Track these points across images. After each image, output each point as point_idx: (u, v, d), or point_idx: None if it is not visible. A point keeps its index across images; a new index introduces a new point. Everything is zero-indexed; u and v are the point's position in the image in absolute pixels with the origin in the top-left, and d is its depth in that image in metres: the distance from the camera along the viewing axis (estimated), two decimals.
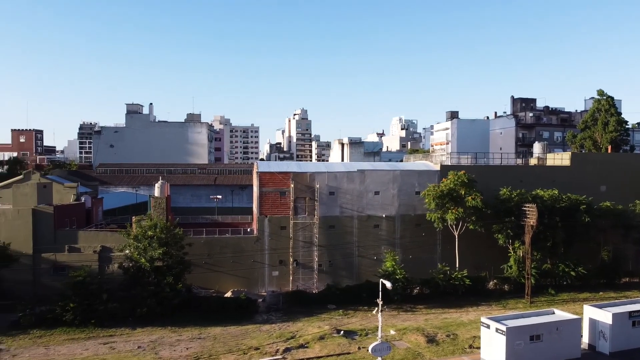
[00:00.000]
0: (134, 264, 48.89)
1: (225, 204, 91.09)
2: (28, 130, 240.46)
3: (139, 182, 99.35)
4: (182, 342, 42.00)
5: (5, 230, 52.02)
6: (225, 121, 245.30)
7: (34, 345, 41.25)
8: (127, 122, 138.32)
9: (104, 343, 41.59)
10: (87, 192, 69.80)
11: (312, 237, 58.41)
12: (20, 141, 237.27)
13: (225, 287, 56.41)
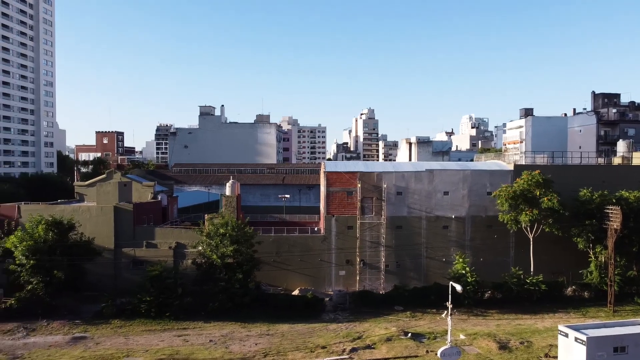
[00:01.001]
0: (206, 260, 50.67)
1: (292, 203, 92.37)
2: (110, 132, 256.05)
3: (211, 182, 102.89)
4: (252, 337, 43.00)
5: (90, 226, 55.54)
6: (293, 122, 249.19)
7: (115, 334, 43.79)
8: (200, 124, 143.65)
9: (178, 335, 43.40)
10: (163, 190, 73.10)
11: (379, 237, 57.94)
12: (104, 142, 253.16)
13: (293, 285, 57.18)
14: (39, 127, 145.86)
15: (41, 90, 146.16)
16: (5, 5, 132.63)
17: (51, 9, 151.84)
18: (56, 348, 40.41)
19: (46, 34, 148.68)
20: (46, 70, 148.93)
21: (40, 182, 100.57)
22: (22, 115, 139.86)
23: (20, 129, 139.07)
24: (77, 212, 56.24)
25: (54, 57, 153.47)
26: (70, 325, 45.68)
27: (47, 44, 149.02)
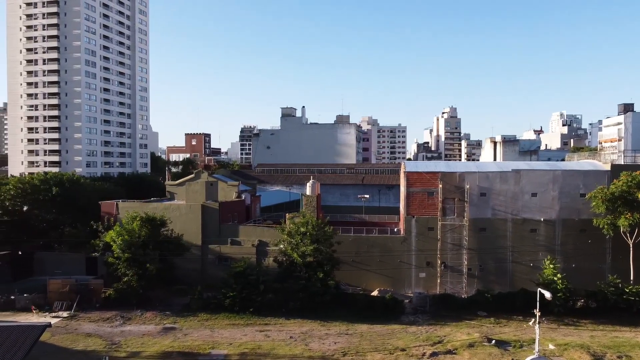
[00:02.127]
0: (287, 258, 51.78)
1: (372, 204, 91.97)
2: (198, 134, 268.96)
3: (292, 181, 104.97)
4: (331, 336, 43.35)
5: (179, 223, 58.68)
6: (372, 122, 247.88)
7: (202, 327, 45.93)
8: (282, 125, 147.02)
9: (260, 330, 44.71)
10: (247, 190, 75.64)
11: (462, 240, 56.21)
12: (192, 144, 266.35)
13: (372, 286, 56.94)
14: (134, 130, 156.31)
15: (137, 96, 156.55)
16: (106, 17, 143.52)
17: (146, 19, 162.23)
18: (149, 337, 43.10)
19: (141, 43, 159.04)
20: (141, 76, 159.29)
21: (136, 181, 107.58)
22: (120, 119, 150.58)
23: (118, 132, 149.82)
24: (168, 210, 59.62)
25: (148, 64, 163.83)
26: (161, 316, 48.53)
27: (142, 52, 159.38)
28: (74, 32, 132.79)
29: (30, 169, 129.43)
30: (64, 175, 79.66)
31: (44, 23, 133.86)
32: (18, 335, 25.73)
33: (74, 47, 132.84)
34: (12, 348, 24.67)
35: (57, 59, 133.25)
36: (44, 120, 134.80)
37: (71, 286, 51.96)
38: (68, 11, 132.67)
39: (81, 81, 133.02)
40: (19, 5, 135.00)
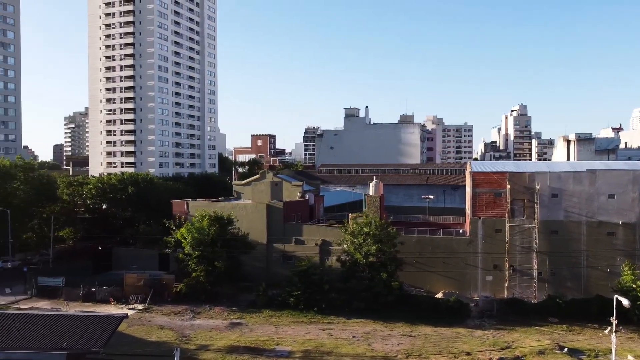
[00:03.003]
0: (350, 258, 52.01)
1: (436, 204, 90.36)
2: (264, 135, 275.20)
3: (355, 182, 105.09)
4: (394, 337, 43.12)
5: (245, 222, 60.38)
6: (437, 121, 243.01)
7: (267, 323, 47.10)
8: (345, 125, 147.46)
9: (323, 329, 45.23)
10: (310, 189, 76.59)
11: (531, 243, 54.07)
12: (258, 145, 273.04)
13: (436, 288, 56.01)
14: (203, 132, 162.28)
15: (205, 99, 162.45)
16: (177, 24, 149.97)
17: (214, 25, 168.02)
18: (217, 331, 44.76)
19: (210, 48, 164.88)
20: (210, 80, 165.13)
21: (205, 181, 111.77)
22: (190, 122, 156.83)
23: (188, 134, 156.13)
24: (235, 209, 61.52)
25: (216, 68, 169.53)
26: (229, 312, 50.21)
27: (210, 56, 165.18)
28: (148, 39, 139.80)
29: (108, 170, 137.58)
30: (139, 176, 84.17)
31: (121, 32, 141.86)
32: (99, 324, 27.62)
33: (147, 53, 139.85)
34: (95, 335, 26.53)
35: (133, 65, 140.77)
36: (121, 123, 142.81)
37: (145, 280, 54.89)
38: (143, 20, 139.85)
39: (154, 86, 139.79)
40: (99, 16, 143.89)
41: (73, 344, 25.93)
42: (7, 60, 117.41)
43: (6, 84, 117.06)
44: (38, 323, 28.06)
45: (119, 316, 29.34)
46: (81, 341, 26.28)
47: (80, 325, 27.46)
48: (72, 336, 26.61)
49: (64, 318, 28.79)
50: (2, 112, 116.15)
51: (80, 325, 27.46)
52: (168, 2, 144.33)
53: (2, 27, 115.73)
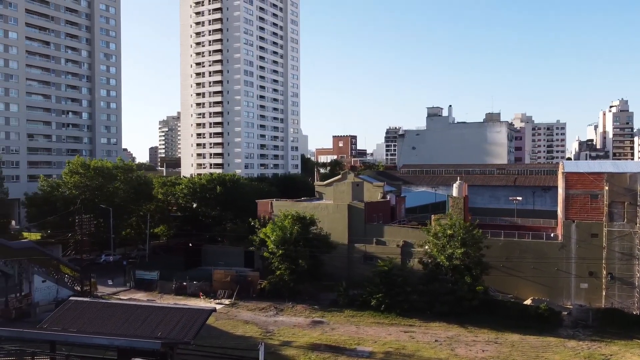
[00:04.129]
0: (433, 260, 51.02)
1: (525, 206, 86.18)
2: (345, 136, 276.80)
3: (438, 182, 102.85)
4: (478, 343, 41.76)
5: (327, 222, 61.10)
6: (526, 119, 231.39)
7: (347, 322, 47.40)
8: (428, 125, 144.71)
9: (404, 331, 44.76)
10: (391, 190, 76.04)
11: (633, 249, 50.02)
12: (339, 146, 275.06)
13: (524, 294, 53.43)
14: (286, 134, 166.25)
15: (289, 101, 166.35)
16: (262, 30, 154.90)
17: (297, 29, 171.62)
18: (299, 328, 45.75)
19: (293, 51, 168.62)
20: (293, 82, 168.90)
21: (288, 182, 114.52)
22: (274, 124, 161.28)
23: (272, 136, 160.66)
24: (317, 209, 62.48)
25: (299, 71, 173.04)
26: (311, 310, 51.13)
27: (293, 59, 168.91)
28: (235, 45, 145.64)
29: (198, 171, 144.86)
30: (226, 176, 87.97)
31: (209, 39, 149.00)
32: (191, 316, 29.28)
33: (234, 59, 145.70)
34: (186, 326, 28.18)
35: (221, 70, 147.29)
36: (210, 126, 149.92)
37: (232, 277, 57.29)
38: (230, 27, 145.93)
39: (240, 90, 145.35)
40: (190, 25, 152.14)
41: (167, 334, 27.69)
42: (110, 70, 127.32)
43: (109, 92, 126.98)
44: (136, 313, 30.26)
45: (208, 310, 30.90)
46: (174, 331, 28.00)
47: (174, 317, 29.26)
48: (166, 326, 28.43)
49: (159, 309, 30.82)
50: (105, 117, 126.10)
51: (174, 317, 29.26)
52: (253, 9, 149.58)
53: (105, 39, 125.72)
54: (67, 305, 31.94)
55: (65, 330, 28.64)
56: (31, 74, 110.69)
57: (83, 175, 78.28)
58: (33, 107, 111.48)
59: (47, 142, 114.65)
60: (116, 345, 27.31)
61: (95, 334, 27.98)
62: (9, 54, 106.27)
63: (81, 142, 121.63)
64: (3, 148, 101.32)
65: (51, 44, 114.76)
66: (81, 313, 30.46)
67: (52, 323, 29.93)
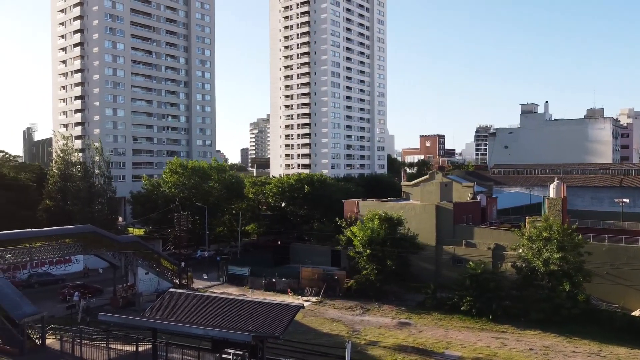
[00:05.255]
0: (527, 264, 48.49)
1: (633, 209, 79.34)
2: (432, 135, 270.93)
3: (532, 183, 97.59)
4: (578, 354, 39.10)
5: (414, 222, 60.17)
6: (635, 114, 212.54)
7: (435, 325, 46.35)
8: (522, 123, 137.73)
9: (495, 337, 42.95)
10: (482, 191, 73.30)
11: None
12: (427, 145, 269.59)
13: (632, 304, 49.15)
14: (373, 134, 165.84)
15: (375, 101, 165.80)
16: (349, 31, 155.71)
17: (383, 28, 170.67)
18: (385, 329, 45.45)
19: (379, 51, 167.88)
20: (379, 83, 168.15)
21: (374, 182, 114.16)
22: (360, 124, 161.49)
23: (359, 136, 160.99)
24: (404, 209, 61.72)
25: (386, 70, 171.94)
26: (397, 311, 50.61)
27: (380, 59, 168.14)
28: (322, 47, 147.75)
29: (286, 171, 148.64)
30: (314, 176, 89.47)
31: (298, 42, 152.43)
32: (280, 311, 30.14)
33: (321, 61, 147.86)
34: (276, 321, 29.06)
35: (308, 73, 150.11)
36: (298, 127, 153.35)
37: (319, 275, 58.16)
38: (317, 30, 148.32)
39: (327, 91, 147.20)
40: (279, 30, 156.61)
41: (258, 327, 28.72)
42: (205, 75, 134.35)
43: (204, 96, 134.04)
44: (229, 306, 31.66)
45: (297, 306, 31.62)
46: (264, 325, 28.98)
47: (264, 311, 30.28)
48: (257, 320, 29.49)
49: (250, 303, 32.04)
50: (200, 120, 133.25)
51: (264, 311, 30.28)
52: (340, 10, 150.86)
53: (201, 46, 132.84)
54: (166, 296, 34.16)
55: (165, 320, 30.63)
56: (135, 81, 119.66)
57: (181, 175, 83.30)
58: (137, 112, 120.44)
59: (149, 144, 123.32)
60: (211, 335, 28.79)
61: (191, 324, 29.68)
62: (117, 64, 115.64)
63: (179, 144, 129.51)
64: (111, 150, 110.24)
65: (153, 53, 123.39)
66: (179, 304, 32.41)
67: (153, 312, 32.13)
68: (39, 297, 51.20)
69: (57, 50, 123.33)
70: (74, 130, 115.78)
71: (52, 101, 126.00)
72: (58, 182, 77.21)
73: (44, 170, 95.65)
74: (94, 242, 50.49)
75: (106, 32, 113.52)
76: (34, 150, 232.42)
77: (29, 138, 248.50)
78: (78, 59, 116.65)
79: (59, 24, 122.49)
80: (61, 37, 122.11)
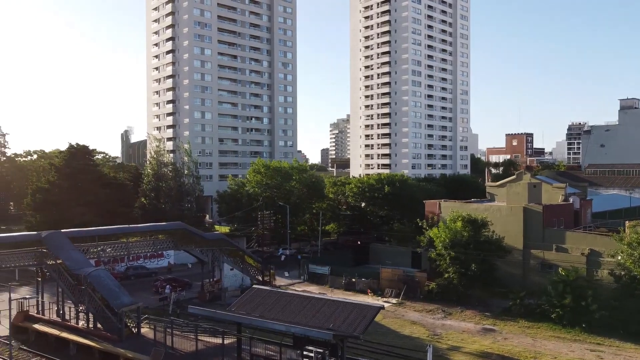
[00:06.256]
0: (627, 273, 44.92)
1: None
2: (519, 134, 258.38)
3: (633, 184, 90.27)
4: None
5: (499, 225, 57.72)
6: None
7: (522, 333, 44.19)
8: (620, 119, 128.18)
9: (590, 349, 40.20)
10: (575, 192, 68.86)
11: None
12: (513, 144, 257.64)
13: None
14: (455, 133, 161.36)
15: (458, 100, 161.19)
16: (430, 28, 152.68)
17: (467, 24, 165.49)
18: (468, 334, 44.02)
19: (462, 47, 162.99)
20: (462, 80, 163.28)
21: (456, 182, 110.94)
22: (442, 123, 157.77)
23: (440, 136, 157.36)
24: (489, 211, 59.40)
25: (469, 67, 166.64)
26: (481, 316, 48.84)
27: (463, 56, 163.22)
28: (403, 46, 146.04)
29: (366, 171, 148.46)
30: (395, 176, 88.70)
31: (378, 42, 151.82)
32: (360, 311, 30.20)
33: (402, 60, 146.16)
34: (355, 321, 29.15)
35: (389, 72, 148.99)
36: (378, 127, 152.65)
37: (399, 276, 57.52)
38: (398, 28, 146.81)
39: (408, 90, 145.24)
40: (359, 30, 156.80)
41: (338, 326, 28.96)
42: (287, 77, 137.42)
43: (286, 98, 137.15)
44: (310, 304, 32.20)
45: (377, 307, 31.50)
46: (344, 325, 29.16)
47: (344, 311, 30.47)
48: (337, 319, 29.74)
49: (330, 302, 32.37)
50: (282, 122, 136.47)
51: (344, 311, 30.47)
52: (422, 7, 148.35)
53: (283, 49, 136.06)
54: (250, 292, 35.38)
55: (249, 315, 31.73)
56: (222, 85, 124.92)
57: (264, 175, 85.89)
58: (223, 114, 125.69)
59: (235, 145, 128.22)
60: (292, 332, 29.44)
61: (274, 320, 30.51)
62: (205, 69, 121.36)
63: (262, 145, 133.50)
64: (200, 151, 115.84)
65: (238, 57, 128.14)
66: (262, 300, 33.45)
67: (238, 307, 33.40)
68: (134, 288, 54.84)
69: (151, 57, 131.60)
70: (166, 132, 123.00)
71: (147, 105, 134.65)
72: (152, 182, 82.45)
73: (140, 170, 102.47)
74: (183, 238, 53.35)
75: (195, 39, 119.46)
76: (130, 151, 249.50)
77: (126, 140, 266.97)
78: (170, 65, 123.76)
79: (153, 33, 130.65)
80: (155, 45, 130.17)
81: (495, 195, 72.17)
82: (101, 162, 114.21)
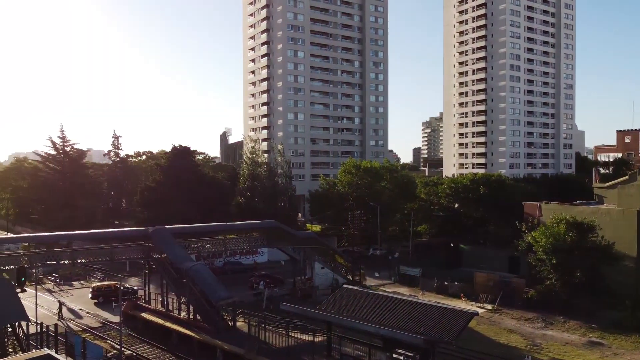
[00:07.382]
0: None
1: None
2: (633, 130, 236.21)
3: None
4: None
5: (609, 229, 53.15)
6: None
7: (635, 350, 40.36)
8: None
9: None
10: None
11: None
12: (625, 142, 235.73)
13: None
14: (558, 130, 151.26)
15: (561, 94, 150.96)
16: (530, 20, 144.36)
17: (572, 13, 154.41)
18: (572, 346, 41.03)
19: (566, 39, 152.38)
20: (566, 74, 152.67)
21: (559, 183, 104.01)
22: (543, 120, 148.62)
23: (541, 133, 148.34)
24: (596, 214, 54.99)
25: (574, 60, 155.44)
26: (586, 328, 45.30)
27: (567, 47, 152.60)
28: (500, 40, 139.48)
29: (460, 171, 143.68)
30: (491, 176, 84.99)
31: (473, 37, 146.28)
32: (452, 316, 29.28)
33: (499, 54, 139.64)
34: (447, 326, 28.29)
35: (485, 67, 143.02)
36: (473, 125, 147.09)
37: (495, 281, 54.99)
38: (495, 21, 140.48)
39: (506, 86, 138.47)
40: (453, 25, 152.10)
41: (429, 331, 28.27)
42: (378, 77, 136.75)
43: (377, 98, 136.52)
44: (400, 306, 31.76)
45: (471, 312, 30.38)
46: (435, 329, 28.41)
47: (435, 315, 29.71)
48: (428, 323, 29.06)
49: (421, 305, 31.72)
50: (373, 121, 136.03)
51: (435, 315, 29.71)
52: None
53: (374, 48, 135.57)
54: (341, 292, 35.63)
55: (339, 314, 31.95)
56: (314, 86, 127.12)
57: (354, 175, 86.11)
58: (315, 115, 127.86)
59: (326, 145, 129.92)
60: (382, 334, 29.20)
61: (363, 320, 30.46)
62: (298, 71, 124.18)
63: (353, 144, 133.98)
64: (292, 151, 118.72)
65: (330, 58, 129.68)
66: (352, 300, 33.54)
67: (328, 306, 33.77)
68: (230, 283, 57.28)
69: (248, 61, 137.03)
70: (261, 133, 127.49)
71: (243, 107, 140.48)
72: (247, 181, 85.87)
73: (236, 170, 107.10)
74: (276, 236, 55.01)
75: (289, 42, 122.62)
76: (228, 152, 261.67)
77: (224, 141, 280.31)
78: (265, 68, 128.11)
79: (249, 38, 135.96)
80: (251, 49, 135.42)
81: (604, 198, 66.59)
82: (202, 162, 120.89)
